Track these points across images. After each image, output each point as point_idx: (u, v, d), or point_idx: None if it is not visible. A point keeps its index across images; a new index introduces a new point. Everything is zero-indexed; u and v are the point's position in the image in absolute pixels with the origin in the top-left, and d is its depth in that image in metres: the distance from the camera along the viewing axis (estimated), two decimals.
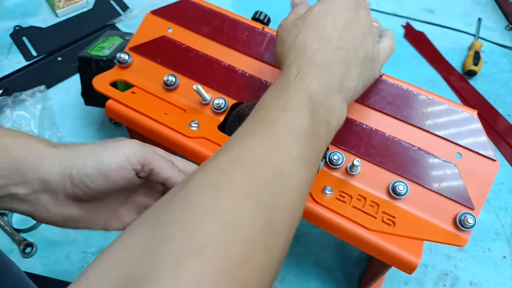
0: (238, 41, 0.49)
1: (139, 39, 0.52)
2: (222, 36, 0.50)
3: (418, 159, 0.42)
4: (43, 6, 0.94)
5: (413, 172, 0.42)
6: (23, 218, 0.60)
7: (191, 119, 0.46)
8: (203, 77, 0.49)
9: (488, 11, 0.94)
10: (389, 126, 0.43)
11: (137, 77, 0.51)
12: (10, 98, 0.70)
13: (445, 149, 0.42)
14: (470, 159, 0.41)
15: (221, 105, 0.47)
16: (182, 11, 0.52)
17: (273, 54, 0.48)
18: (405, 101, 0.43)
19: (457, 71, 0.81)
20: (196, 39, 0.50)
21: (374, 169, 0.42)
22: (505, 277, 0.55)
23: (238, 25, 0.50)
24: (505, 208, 0.62)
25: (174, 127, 0.46)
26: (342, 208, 0.40)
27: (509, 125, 0.72)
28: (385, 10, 0.93)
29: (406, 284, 0.54)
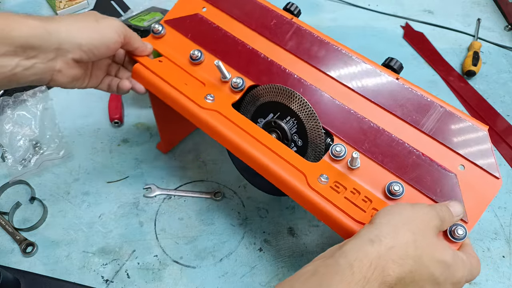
0: (266, 28, 0.51)
1: (175, 14, 0.56)
2: (252, 21, 0.52)
3: (420, 164, 0.42)
4: (44, 7, 0.95)
5: (412, 175, 0.42)
6: (24, 217, 0.61)
7: (208, 92, 0.49)
8: (226, 56, 0.52)
9: (487, 12, 0.94)
10: (396, 127, 0.44)
11: (167, 48, 0.54)
12: (11, 98, 0.71)
13: (449, 158, 0.42)
14: (473, 173, 0.41)
15: (239, 84, 0.49)
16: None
17: (297, 44, 0.50)
18: (417, 106, 0.44)
19: (456, 71, 0.81)
20: (227, 20, 0.53)
21: (374, 167, 0.43)
22: (504, 277, 0.55)
23: (268, 13, 0.52)
24: (504, 208, 0.62)
25: (190, 97, 0.48)
26: (333, 196, 0.41)
27: (508, 125, 0.72)
28: (385, 11, 0.93)
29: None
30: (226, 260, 0.57)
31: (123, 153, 0.67)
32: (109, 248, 0.58)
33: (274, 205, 0.62)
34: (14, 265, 0.56)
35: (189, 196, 0.63)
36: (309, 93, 0.47)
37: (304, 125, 0.47)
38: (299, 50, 0.49)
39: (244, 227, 0.60)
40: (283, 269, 0.56)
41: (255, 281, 0.55)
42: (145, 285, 0.54)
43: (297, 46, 0.49)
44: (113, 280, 0.55)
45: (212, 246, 0.58)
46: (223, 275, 0.55)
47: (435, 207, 0.38)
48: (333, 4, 0.95)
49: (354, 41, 0.87)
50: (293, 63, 0.49)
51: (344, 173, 0.43)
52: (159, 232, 0.59)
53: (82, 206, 0.61)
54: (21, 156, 0.64)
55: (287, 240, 0.59)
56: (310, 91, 0.47)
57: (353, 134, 0.44)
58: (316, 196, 0.41)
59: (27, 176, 0.64)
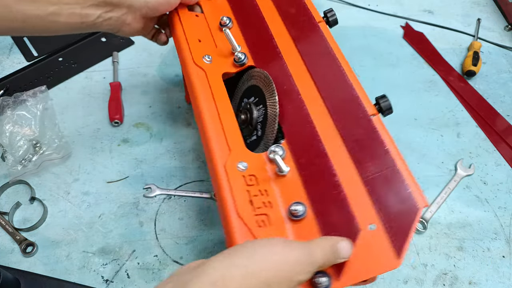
0: (292, 21, 0.52)
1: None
2: (285, 12, 0.53)
3: (336, 202, 0.38)
4: None
5: (322, 208, 0.38)
6: (24, 217, 0.61)
7: (210, 54, 0.51)
8: (248, 32, 0.54)
9: (487, 12, 0.94)
10: (339, 158, 0.40)
11: (208, 6, 0.57)
12: (11, 98, 0.71)
13: (366, 212, 0.37)
14: (378, 240, 0.36)
15: (240, 59, 0.51)
16: None
17: (308, 47, 0.49)
18: (371, 149, 0.40)
19: (456, 71, 0.81)
20: (266, 2, 0.55)
21: (296, 182, 0.41)
22: (504, 277, 0.55)
23: (302, 9, 0.52)
24: (504, 208, 0.62)
25: (192, 51, 0.51)
26: (236, 182, 0.40)
27: (508, 125, 0.72)
28: (385, 11, 0.93)
29: (406, 283, 0.54)
30: None
31: (123, 153, 0.67)
32: (109, 248, 0.58)
33: None
34: (14, 265, 0.56)
35: (189, 196, 0.63)
36: (289, 94, 0.47)
37: (267, 117, 0.47)
38: (306, 52, 0.49)
39: None
40: None
41: None
42: (145, 285, 0.54)
43: (307, 49, 0.49)
44: (113, 280, 0.55)
45: (212, 246, 0.58)
46: None
47: (314, 250, 0.32)
48: (333, 4, 0.95)
49: (354, 41, 0.87)
50: (295, 62, 0.49)
51: (268, 174, 0.41)
52: (159, 232, 0.59)
53: (82, 206, 0.62)
54: (21, 156, 0.64)
55: None
56: (291, 92, 0.47)
57: (300, 146, 0.43)
58: (223, 175, 0.40)
59: (27, 176, 0.64)
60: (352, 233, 0.36)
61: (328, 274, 0.35)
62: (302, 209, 0.38)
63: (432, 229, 0.59)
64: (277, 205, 0.39)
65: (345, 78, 0.45)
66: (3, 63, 0.82)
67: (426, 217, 0.60)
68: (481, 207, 0.62)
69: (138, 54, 0.84)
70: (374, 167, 0.39)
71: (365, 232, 0.36)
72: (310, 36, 0.50)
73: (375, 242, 0.36)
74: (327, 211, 0.38)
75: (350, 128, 0.42)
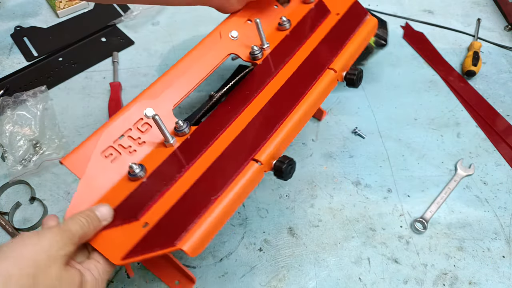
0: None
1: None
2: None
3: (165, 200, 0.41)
4: (44, 7, 0.95)
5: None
6: (24, 217, 0.61)
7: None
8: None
9: (487, 12, 0.94)
10: (195, 173, 0.43)
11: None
12: (11, 98, 0.71)
13: (155, 214, 0.41)
14: (136, 233, 0.39)
15: (256, 51, 0.53)
16: None
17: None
18: (217, 180, 0.41)
19: (456, 71, 0.81)
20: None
21: (162, 157, 0.45)
22: (504, 277, 0.55)
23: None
24: (504, 208, 0.62)
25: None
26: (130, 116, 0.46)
27: (508, 125, 0.72)
28: (384, 10, 0.93)
29: (406, 283, 0.54)
30: (226, 260, 0.57)
31: None
32: None
33: (274, 205, 0.62)
34: None
35: None
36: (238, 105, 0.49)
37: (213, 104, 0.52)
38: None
39: (244, 227, 0.60)
40: (283, 269, 0.56)
41: (255, 281, 0.55)
42: (145, 285, 0.54)
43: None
44: (113, 280, 0.55)
45: (212, 246, 0.58)
46: (223, 275, 0.55)
47: (67, 226, 0.35)
48: None
49: None
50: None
51: (157, 136, 0.46)
52: None
53: None
54: (21, 156, 0.64)
55: (287, 240, 0.59)
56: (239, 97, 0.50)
57: (190, 147, 0.46)
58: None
59: (27, 176, 0.64)
60: (131, 219, 0.40)
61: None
62: (139, 170, 0.43)
63: (432, 229, 0.59)
64: (133, 158, 0.44)
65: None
66: (3, 63, 0.82)
67: (426, 217, 0.60)
68: (481, 207, 0.62)
69: (138, 54, 0.84)
70: (205, 189, 0.41)
71: (138, 223, 0.40)
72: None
73: (134, 234, 0.39)
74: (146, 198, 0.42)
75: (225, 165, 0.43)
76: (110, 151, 0.45)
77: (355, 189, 0.64)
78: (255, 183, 0.42)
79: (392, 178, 0.65)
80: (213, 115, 0.50)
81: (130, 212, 0.41)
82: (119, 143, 0.45)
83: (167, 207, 0.40)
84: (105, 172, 0.44)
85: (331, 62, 0.50)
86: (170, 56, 0.84)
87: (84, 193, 0.42)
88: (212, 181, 0.41)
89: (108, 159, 0.44)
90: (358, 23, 0.55)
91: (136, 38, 0.88)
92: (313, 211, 0.61)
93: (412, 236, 0.59)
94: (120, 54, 0.84)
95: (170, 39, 0.88)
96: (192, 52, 0.52)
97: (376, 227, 0.60)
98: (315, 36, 0.55)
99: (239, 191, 0.40)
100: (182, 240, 0.36)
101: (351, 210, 0.61)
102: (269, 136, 0.44)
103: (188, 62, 0.51)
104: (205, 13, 0.95)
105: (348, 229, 0.60)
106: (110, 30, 0.89)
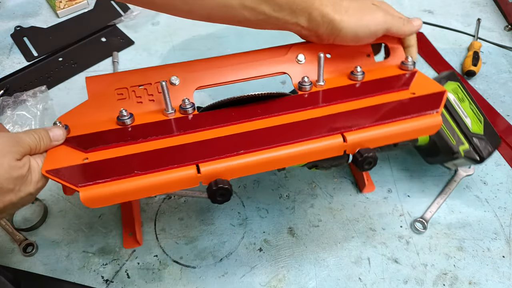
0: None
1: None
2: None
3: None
4: (44, 7, 0.95)
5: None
6: (24, 218, 0.61)
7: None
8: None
9: (487, 12, 0.94)
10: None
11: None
12: (11, 98, 0.71)
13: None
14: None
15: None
16: None
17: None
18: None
19: (456, 71, 0.81)
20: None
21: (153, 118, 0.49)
22: (504, 277, 0.55)
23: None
24: (504, 208, 0.62)
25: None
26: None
27: (508, 125, 0.72)
28: None
29: (406, 283, 0.54)
30: (226, 260, 0.57)
31: None
32: (109, 248, 0.58)
33: (274, 205, 0.62)
34: (14, 265, 0.56)
35: (189, 196, 0.63)
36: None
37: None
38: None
39: (244, 227, 0.60)
40: (283, 269, 0.56)
41: (255, 281, 0.55)
42: (145, 285, 0.54)
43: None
44: (113, 280, 0.55)
45: (212, 246, 0.58)
46: (223, 275, 0.55)
47: (19, 136, 0.41)
48: None
49: None
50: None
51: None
52: (159, 232, 0.59)
53: (82, 206, 0.61)
54: None
55: (287, 240, 0.59)
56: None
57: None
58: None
59: None
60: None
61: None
62: (126, 118, 0.46)
63: (432, 229, 0.59)
64: (135, 108, 0.48)
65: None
66: (3, 63, 0.82)
67: (426, 217, 0.60)
68: (481, 207, 0.62)
69: (138, 54, 0.85)
70: (143, 160, 0.43)
71: (82, 154, 0.43)
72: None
73: (71, 160, 0.42)
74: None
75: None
76: (123, 91, 0.49)
77: (355, 189, 0.64)
78: (183, 185, 0.41)
79: (392, 178, 0.65)
80: (221, 111, 0.49)
81: (86, 144, 0.44)
82: (134, 89, 0.49)
83: (110, 157, 0.43)
84: (106, 105, 0.48)
85: (350, 130, 0.44)
86: (170, 56, 0.84)
87: (79, 111, 0.48)
88: (155, 158, 0.42)
89: (117, 97, 0.49)
90: (419, 112, 0.46)
91: (136, 38, 0.88)
92: (313, 211, 0.61)
93: (412, 236, 0.59)
94: (120, 54, 0.84)
95: (170, 39, 0.88)
96: (251, 52, 0.52)
97: (376, 227, 0.60)
98: (370, 100, 0.50)
99: (160, 182, 0.40)
100: (85, 186, 0.39)
101: (351, 210, 0.61)
102: (232, 154, 0.42)
103: (240, 58, 0.51)
104: None
105: (348, 229, 0.60)
106: (110, 30, 0.89)
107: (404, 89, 0.51)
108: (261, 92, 0.49)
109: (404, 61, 0.55)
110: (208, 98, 0.75)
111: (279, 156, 0.43)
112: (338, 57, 0.54)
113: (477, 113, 0.58)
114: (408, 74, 0.54)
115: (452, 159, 0.57)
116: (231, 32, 0.90)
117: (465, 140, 0.56)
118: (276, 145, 0.43)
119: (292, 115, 0.48)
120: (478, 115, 0.58)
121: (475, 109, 0.58)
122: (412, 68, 0.54)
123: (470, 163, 0.57)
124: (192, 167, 0.41)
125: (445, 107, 0.56)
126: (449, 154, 0.56)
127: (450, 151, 0.56)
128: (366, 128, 0.45)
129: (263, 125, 0.46)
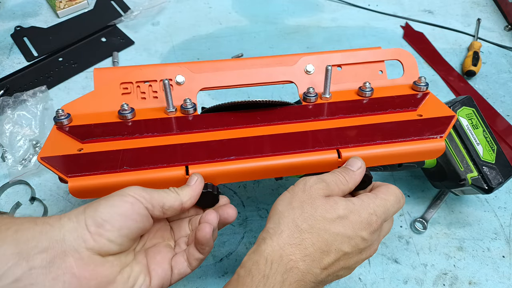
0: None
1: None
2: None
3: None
4: (44, 7, 0.95)
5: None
6: None
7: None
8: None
9: (487, 12, 0.94)
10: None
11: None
12: (11, 98, 0.71)
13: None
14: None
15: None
16: None
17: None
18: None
19: (456, 71, 0.81)
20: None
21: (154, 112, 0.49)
22: (504, 277, 0.55)
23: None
24: (504, 208, 0.62)
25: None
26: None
27: (508, 125, 0.72)
28: (384, 10, 0.93)
29: (406, 283, 0.54)
30: (226, 260, 0.57)
31: None
32: None
33: None
34: None
35: None
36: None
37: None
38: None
39: (244, 227, 0.60)
40: None
41: None
42: None
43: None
44: None
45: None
46: (223, 275, 0.55)
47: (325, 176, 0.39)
48: (333, 4, 0.95)
49: (354, 41, 0.87)
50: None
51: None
52: None
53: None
54: (21, 156, 0.64)
55: None
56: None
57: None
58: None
59: (27, 176, 0.64)
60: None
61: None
62: (127, 112, 0.47)
63: (432, 229, 0.59)
64: (138, 103, 0.50)
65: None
66: (3, 63, 0.82)
67: (426, 217, 0.60)
68: (481, 207, 0.62)
69: (138, 54, 0.85)
70: (135, 157, 0.43)
71: (78, 144, 0.44)
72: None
73: (67, 149, 0.43)
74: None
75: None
76: (129, 86, 0.50)
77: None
78: (171, 185, 0.40)
79: (392, 178, 0.65)
80: (221, 115, 0.49)
81: (84, 134, 0.45)
82: (139, 85, 0.50)
83: (104, 149, 0.43)
84: (110, 98, 0.49)
85: (347, 146, 0.44)
86: (170, 56, 0.84)
87: (83, 102, 0.49)
88: (147, 155, 0.43)
89: (121, 91, 0.50)
90: (421, 135, 0.45)
91: (136, 38, 0.88)
92: None
93: (412, 236, 0.59)
94: (120, 54, 0.84)
95: (170, 39, 0.88)
96: (260, 58, 0.52)
97: None
98: (373, 118, 0.48)
99: (147, 179, 0.40)
100: (75, 178, 0.39)
101: None
102: (223, 159, 0.42)
103: (248, 63, 0.51)
104: (205, 13, 0.96)
105: None
106: (110, 30, 0.89)
107: (412, 110, 0.49)
108: (264, 99, 0.49)
109: (416, 82, 0.53)
110: (214, 100, 0.75)
111: (269, 166, 0.42)
112: (349, 71, 0.54)
113: (490, 142, 0.56)
114: (419, 95, 0.52)
115: (458, 185, 0.55)
116: (231, 32, 0.90)
117: (474, 168, 0.54)
118: (268, 155, 0.43)
119: (291, 125, 0.48)
120: (492, 143, 0.56)
121: (489, 137, 0.56)
122: (424, 90, 0.53)
123: (477, 191, 0.55)
124: (181, 168, 0.41)
125: (457, 132, 0.54)
126: (455, 180, 0.54)
127: (457, 177, 0.54)
128: (362, 146, 0.44)
129: (260, 132, 0.46)
